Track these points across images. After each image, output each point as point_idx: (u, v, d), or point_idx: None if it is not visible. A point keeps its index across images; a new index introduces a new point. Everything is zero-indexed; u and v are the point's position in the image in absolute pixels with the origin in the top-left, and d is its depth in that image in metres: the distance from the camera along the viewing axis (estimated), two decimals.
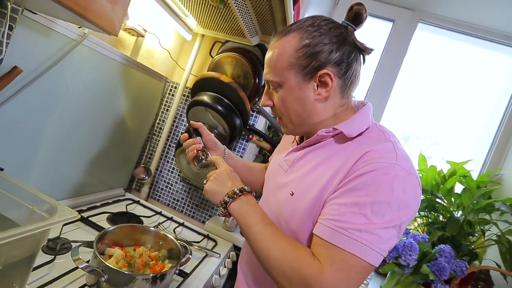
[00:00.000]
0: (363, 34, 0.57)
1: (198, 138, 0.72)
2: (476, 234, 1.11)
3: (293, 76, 0.54)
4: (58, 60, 0.74)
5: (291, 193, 0.55)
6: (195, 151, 0.69)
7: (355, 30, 0.55)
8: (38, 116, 0.76)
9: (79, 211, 0.95)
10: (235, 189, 0.55)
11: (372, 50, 0.56)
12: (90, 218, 0.93)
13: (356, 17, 0.54)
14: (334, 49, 0.52)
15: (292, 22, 0.88)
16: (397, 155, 0.47)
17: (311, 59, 0.52)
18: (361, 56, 0.57)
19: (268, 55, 0.57)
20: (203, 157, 0.68)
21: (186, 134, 0.72)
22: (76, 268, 0.62)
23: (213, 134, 0.76)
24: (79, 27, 0.76)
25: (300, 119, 0.57)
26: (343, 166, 0.49)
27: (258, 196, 1.30)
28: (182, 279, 0.79)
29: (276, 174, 0.64)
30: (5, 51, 0.62)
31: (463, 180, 1.15)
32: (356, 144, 0.52)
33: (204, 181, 0.60)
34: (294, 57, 0.53)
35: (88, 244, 0.72)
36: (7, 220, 0.52)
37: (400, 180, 0.45)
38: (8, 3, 0.58)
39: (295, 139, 0.68)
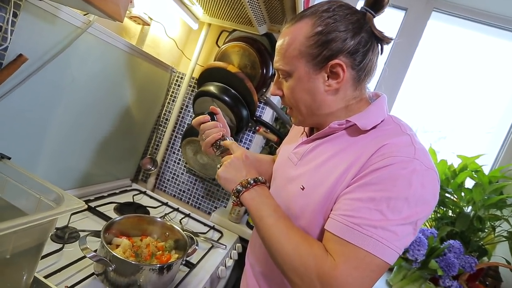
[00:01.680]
0: (374, 22, 0.54)
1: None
2: (486, 230, 1.09)
3: (303, 65, 0.51)
4: (63, 48, 0.73)
5: (302, 187, 0.53)
6: (220, 134, 0.63)
7: (374, 17, 0.51)
8: (44, 105, 0.76)
9: (87, 201, 0.96)
10: (249, 179, 0.53)
11: (391, 39, 0.52)
12: (97, 208, 0.93)
13: (376, 2, 0.51)
14: (349, 37, 0.49)
15: (302, 9, 0.85)
16: (415, 149, 0.45)
17: (323, 48, 0.49)
18: (379, 45, 0.54)
19: (279, 42, 0.55)
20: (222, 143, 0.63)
21: (208, 116, 0.66)
22: (84, 257, 0.63)
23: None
24: (84, 14, 0.75)
25: (310, 110, 0.55)
26: (357, 160, 0.47)
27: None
28: (189, 269, 0.79)
29: (285, 167, 0.62)
30: (10, 38, 0.61)
31: (475, 175, 1.12)
32: (370, 137, 0.50)
33: (218, 166, 0.58)
34: (305, 45, 0.50)
35: (96, 234, 0.72)
36: (15, 209, 0.52)
37: (419, 175, 0.43)
38: None
39: (304, 130, 0.65)
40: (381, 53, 0.55)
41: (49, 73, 0.73)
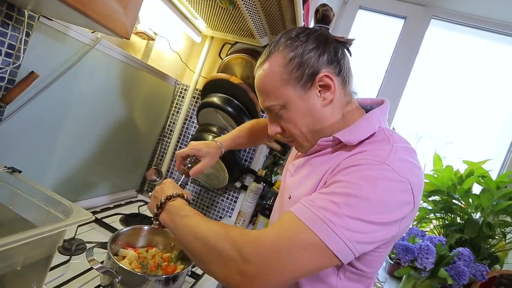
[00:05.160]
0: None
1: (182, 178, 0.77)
2: (497, 237, 1.07)
3: (292, 91, 0.53)
4: (72, 64, 0.76)
5: (289, 196, 0.57)
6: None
7: (327, 29, 0.56)
8: (53, 119, 0.78)
9: (93, 212, 0.97)
10: (162, 199, 0.55)
11: (352, 40, 0.56)
12: (103, 220, 0.94)
13: (324, 18, 0.56)
14: (321, 51, 0.52)
15: (302, 20, 0.87)
16: (389, 156, 0.44)
17: (304, 68, 0.51)
18: (346, 49, 0.57)
19: (257, 84, 0.56)
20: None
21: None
22: (91, 268, 0.63)
23: (190, 165, 0.77)
24: (92, 32, 0.78)
25: (314, 131, 0.55)
26: (333, 165, 0.50)
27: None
28: (194, 280, 0.79)
29: (285, 177, 0.67)
30: (23, 56, 0.63)
31: (482, 181, 1.11)
32: (356, 151, 0.50)
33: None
34: (286, 73, 0.52)
35: (102, 245, 0.73)
36: (25, 221, 0.53)
37: (387, 180, 0.41)
38: (26, 11, 0.60)
39: None
40: (351, 55, 0.57)
41: (58, 88, 0.75)
